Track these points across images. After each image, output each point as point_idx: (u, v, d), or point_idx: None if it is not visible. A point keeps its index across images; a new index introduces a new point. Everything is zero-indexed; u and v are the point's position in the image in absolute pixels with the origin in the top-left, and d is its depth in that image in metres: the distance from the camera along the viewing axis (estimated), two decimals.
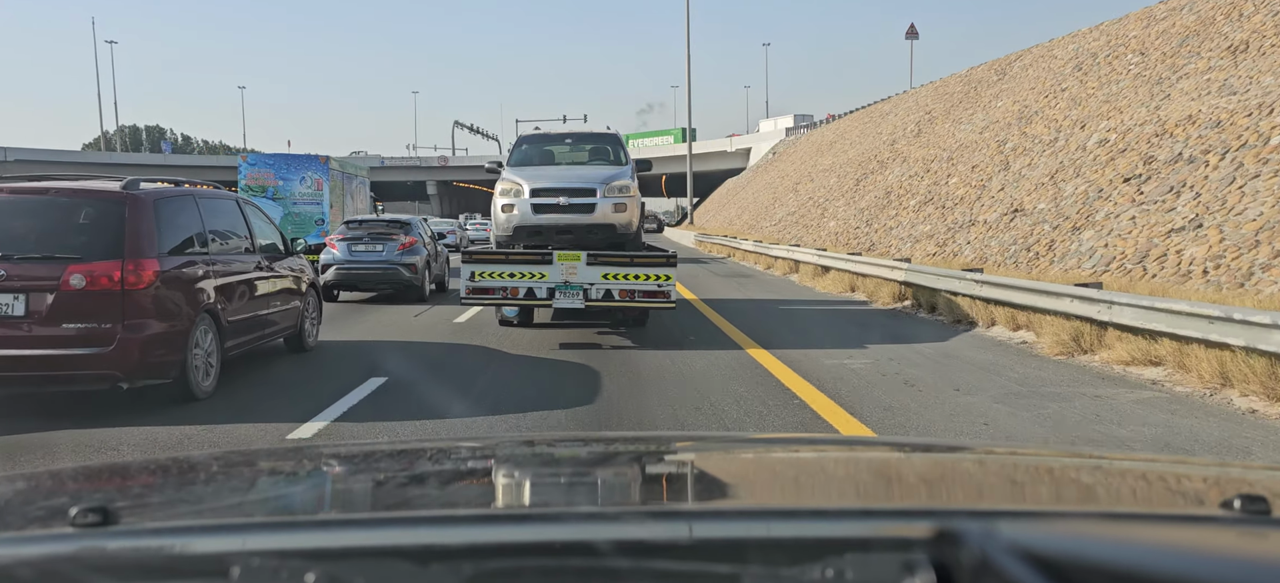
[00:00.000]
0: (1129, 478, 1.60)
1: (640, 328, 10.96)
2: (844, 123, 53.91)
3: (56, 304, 6.35)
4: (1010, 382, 7.80)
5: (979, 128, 25.54)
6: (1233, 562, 0.89)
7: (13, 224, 6.60)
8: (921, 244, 20.03)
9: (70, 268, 6.38)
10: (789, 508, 1.28)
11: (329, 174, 24.87)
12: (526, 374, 8.27)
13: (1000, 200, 18.55)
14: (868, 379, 7.86)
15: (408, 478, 1.56)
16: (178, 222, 7.26)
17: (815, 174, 43.18)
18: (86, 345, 6.37)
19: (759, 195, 53.60)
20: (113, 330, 6.41)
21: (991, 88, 29.42)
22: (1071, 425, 6.25)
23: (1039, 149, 19.60)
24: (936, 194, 22.82)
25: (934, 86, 38.87)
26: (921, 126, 32.75)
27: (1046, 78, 24.54)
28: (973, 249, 17.14)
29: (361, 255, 15.16)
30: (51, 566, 0.95)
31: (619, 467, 1.68)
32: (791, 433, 5.82)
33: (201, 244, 7.50)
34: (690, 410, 6.74)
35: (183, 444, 5.86)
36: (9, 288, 6.31)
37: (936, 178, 24.29)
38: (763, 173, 63.25)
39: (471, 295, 9.79)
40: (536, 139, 11.99)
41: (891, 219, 24.30)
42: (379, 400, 7.11)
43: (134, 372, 6.52)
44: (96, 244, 6.56)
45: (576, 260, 9.63)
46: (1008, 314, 10.67)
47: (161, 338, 6.66)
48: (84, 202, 6.83)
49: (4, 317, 6.29)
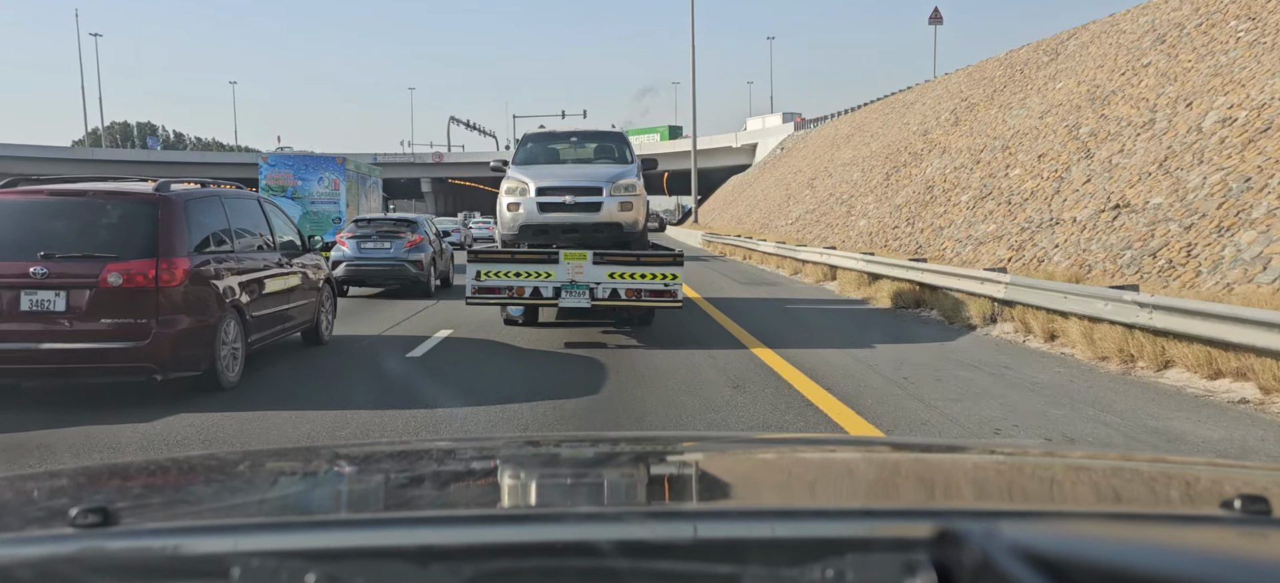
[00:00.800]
0: (1130, 478, 1.58)
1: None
2: (861, 114, 50.64)
3: (95, 300, 6.65)
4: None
5: (1037, 113, 22.23)
6: (1234, 562, 0.88)
7: (53, 224, 6.91)
8: (986, 247, 16.73)
9: (108, 266, 6.67)
10: (789, 508, 1.26)
11: (345, 175, 26.26)
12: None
13: (1089, 194, 15.26)
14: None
15: (408, 478, 1.58)
16: (206, 221, 7.55)
17: (833, 169, 39.90)
18: (123, 339, 6.65)
19: (769, 192, 50.44)
20: (148, 325, 6.71)
21: (1043, 70, 26.11)
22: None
23: (1130, 133, 16.31)
24: (996, 188, 19.52)
25: (967, 72, 35.55)
26: (959, 115, 29.45)
27: (1117, 54, 21.24)
28: (1064, 255, 13.85)
29: (370, 252, 15.63)
30: (51, 566, 0.95)
31: (619, 467, 1.66)
32: (792, 433, 5.68)
33: (227, 243, 7.79)
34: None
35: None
36: (51, 285, 6.61)
37: (991, 169, 21.00)
38: (771, 169, 60.13)
39: (478, 295, 9.67)
40: (542, 137, 11.82)
41: (938, 217, 21.00)
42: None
43: (168, 364, 6.80)
44: (131, 243, 6.83)
45: (582, 259, 9.54)
46: (1199, 355, 7.37)
47: (193, 332, 6.95)
48: (119, 203, 7.09)
49: (46, 312, 6.62)
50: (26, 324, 6.61)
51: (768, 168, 61.88)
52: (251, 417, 6.49)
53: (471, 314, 11.82)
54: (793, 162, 54.27)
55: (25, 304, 6.63)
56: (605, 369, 8.31)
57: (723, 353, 9.21)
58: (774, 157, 64.92)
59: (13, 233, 6.83)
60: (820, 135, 55.49)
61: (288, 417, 6.50)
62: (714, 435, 4.27)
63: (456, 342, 10.23)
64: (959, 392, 7.32)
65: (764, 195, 51.39)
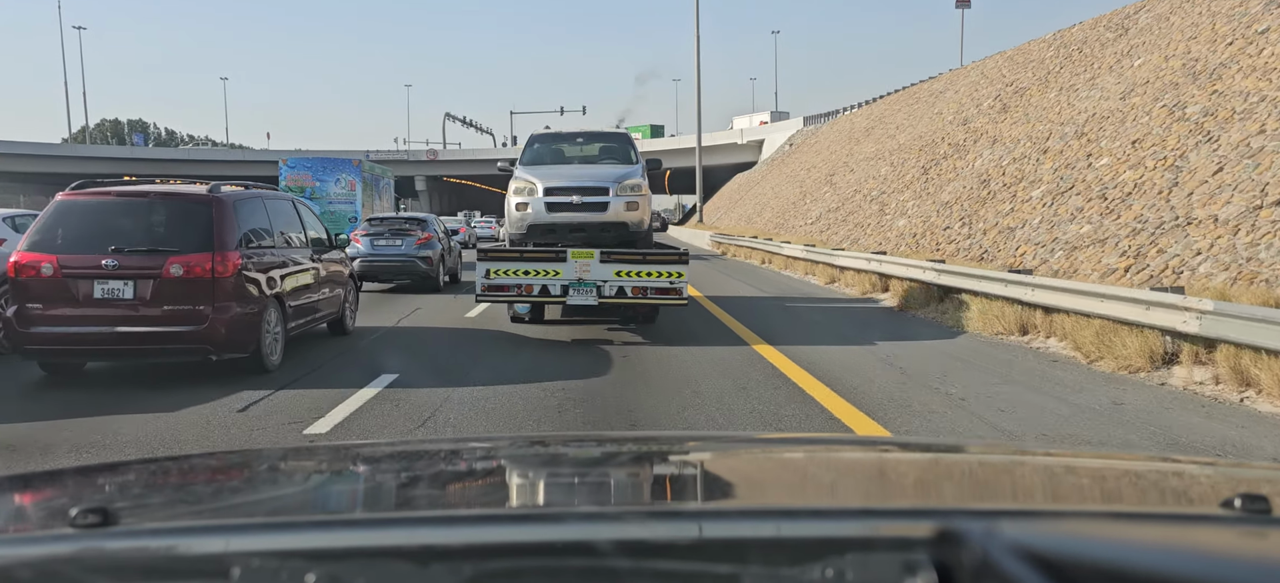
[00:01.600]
0: (1130, 478, 1.57)
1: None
2: (879, 107, 47.35)
3: (158, 289, 7.46)
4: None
5: (1116, 93, 18.93)
6: (1234, 561, 0.88)
7: (121, 223, 7.69)
8: (1085, 253, 13.42)
9: (170, 259, 7.50)
10: (789, 508, 1.25)
11: (361, 176, 27.50)
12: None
13: (1228, 186, 11.98)
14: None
15: (408, 478, 1.56)
16: (250, 220, 8.32)
17: (855, 163, 36.59)
18: (184, 324, 7.48)
19: (781, 190, 47.18)
20: (205, 312, 7.52)
21: (1109, 47, 22.81)
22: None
23: (1265, 109, 13.02)
24: (1078, 181, 16.22)
25: (1007, 56, 32.23)
26: (1006, 101, 26.14)
27: (1213, 23, 17.95)
28: (1217, 264, 10.55)
29: (383, 249, 16.32)
30: (51, 566, 0.95)
31: (618, 467, 1.66)
32: (793, 433, 5.61)
33: (269, 239, 8.58)
34: None
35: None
36: (120, 275, 7.44)
37: (1066, 160, 17.70)
38: (779, 166, 56.96)
39: (487, 292, 9.89)
40: (548, 138, 12.10)
41: (1004, 216, 17.69)
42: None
43: (222, 347, 7.61)
44: (189, 239, 7.63)
45: (590, 258, 9.74)
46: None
47: (242, 319, 7.76)
48: (178, 203, 7.93)
49: (116, 300, 7.44)
50: (99, 310, 7.42)
51: (776, 165, 58.78)
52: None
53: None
54: (805, 158, 51.07)
55: (98, 293, 7.45)
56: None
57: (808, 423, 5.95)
58: (782, 153, 61.81)
59: (86, 230, 7.61)
60: (834, 130, 52.20)
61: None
62: (714, 435, 4.20)
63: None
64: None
65: (775, 193, 48.20)
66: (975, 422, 6.26)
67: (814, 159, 47.61)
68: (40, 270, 7.45)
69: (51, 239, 7.58)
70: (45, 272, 7.45)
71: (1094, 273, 12.31)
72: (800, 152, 55.43)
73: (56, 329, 7.45)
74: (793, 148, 60.44)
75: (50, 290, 7.46)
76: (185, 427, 6.18)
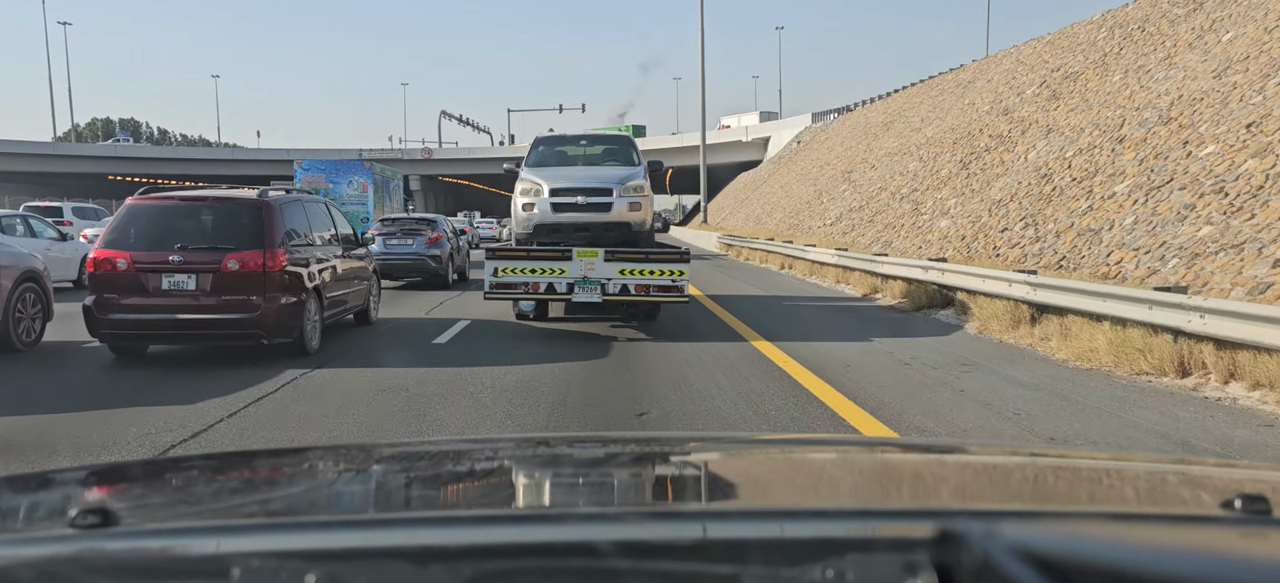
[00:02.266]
0: (1131, 478, 1.57)
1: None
2: (897, 100, 44.60)
3: (217, 281, 8.43)
4: None
5: (1208, 72, 16.12)
6: (1234, 562, 0.88)
7: (183, 223, 8.70)
8: (1216, 261, 10.60)
9: (227, 255, 8.46)
10: (790, 508, 1.26)
11: (372, 178, 28.74)
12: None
13: None
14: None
15: (408, 478, 1.56)
16: (293, 221, 9.28)
17: (875, 160, 33.81)
18: (239, 311, 8.46)
19: (792, 189, 44.47)
20: (257, 302, 8.49)
21: (1182, 23, 20.01)
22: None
23: None
24: (1179, 173, 13.42)
25: (1047, 41, 29.43)
26: (1056, 87, 23.36)
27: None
28: None
29: (395, 248, 17.15)
30: (52, 566, 0.95)
31: (619, 467, 1.65)
32: (793, 433, 5.63)
33: (307, 238, 9.52)
34: None
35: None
36: (184, 269, 8.42)
37: (1155, 149, 14.89)
38: (788, 164, 54.34)
39: (495, 290, 10.06)
40: (553, 141, 12.34)
41: (1081, 215, 14.87)
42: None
43: (271, 331, 8.60)
44: (242, 237, 8.60)
45: (594, 257, 9.92)
46: None
47: (288, 307, 8.73)
48: (232, 206, 8.96)
49: (180, 291, 8.45)
50: (166, 300, 8.48)
51: (784, 163, 56.16)
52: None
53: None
54: (815, 155, 48.33)
55: (165, 284, 8.50)
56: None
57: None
58: (790, 151, 59.13)
59: (153, 230, 8.67)
60: (847, 125, 49.46)
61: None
62: (714, 435, 4.18)
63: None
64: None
65: (785, 192, 45.51)
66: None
67: (827, 156, 44.85)
68: (116, 265, 8.54)
69: (124, 238, 8.67)
70: (120, 266, 8.54)
71: (1237, 287, 9.52)
72: (810, 148, 52.76)
73: (129, 316, 8.53)
74: (801, 145, 57.79)
75: (124, 283, 8.52)
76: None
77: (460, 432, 6.17)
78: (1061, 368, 8.29)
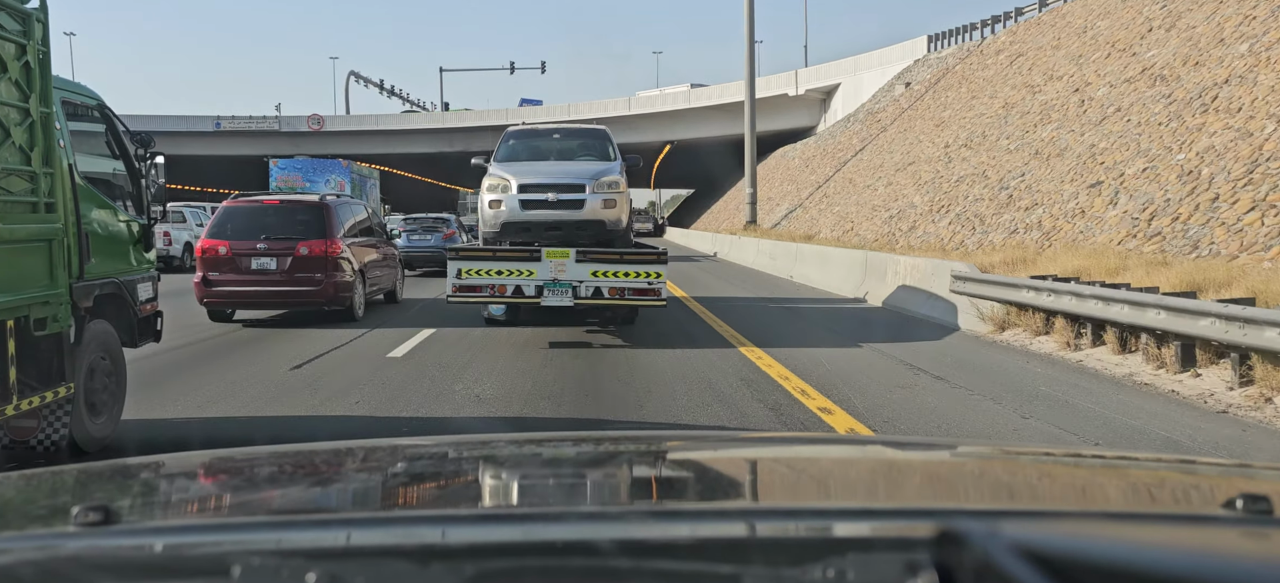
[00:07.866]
0: (1132, 478, 1.56)
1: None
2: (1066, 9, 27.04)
3: (292, 264, 11.68)
4: None
5: None
6: (1235, 562, 0.87)
7: (266, 218, 12.20)
8: None
9: (299, 243, 11.71)
10: (791, 507, 1.26)
11: (350, 177, 30.95)
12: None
13: None
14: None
15: (408, 478, 1.58)
16: (343, 217, 12.59)
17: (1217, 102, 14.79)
18: (308, 286, 11.67)
19: (919, 170, 25.67)
20: (321, 279, 11.67)
21: None
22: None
23: None
24: None
25: None
26: None
27: None
28: None
29: (416, 242, 21.45)
30: (53, 565, 0.95)
31: (619, 466, 1.66)
32: (793, 433, 5.59)
33: (352, 230, 12.74)
34: None
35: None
36: (267, 254, 11.69)
37: None
38: (905, 122, 32.35)
39: (459, 293, 9.80)
40: (524, 134, 12.20)
41: None
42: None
43: (332, 302, 11.82)
44: (309, 230, 11.88)
45: (565, 257, 9.64)
46: None
47: (344, 284, 11.94)
48: (300, 206, 12.66)
49: (264, 271, 11.72)
50: (254, 277, 11.76)
51: (885, 124, 34.66)
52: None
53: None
54: (966, 103, 27.94)
55: (253, 266, 11.72)
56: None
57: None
58: (888, 103, 36.90)
59: (244, 224, 12.03)
60: (1041, 37, 27.65)
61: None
62: (714, 435, 4.11)
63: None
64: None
65: (913, 177, 25.58)
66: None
67: (989, 105, 25.72)
68: (217, 251, 11.68)
69: (223, 229, 11.95)
70: (221, 252, 11.66)
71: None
72: (942, 92, 31.67)
73: (227, 289, 11.72)
74: (911, 92, 35.75)
75: (224, 264, 11.66)
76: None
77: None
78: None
